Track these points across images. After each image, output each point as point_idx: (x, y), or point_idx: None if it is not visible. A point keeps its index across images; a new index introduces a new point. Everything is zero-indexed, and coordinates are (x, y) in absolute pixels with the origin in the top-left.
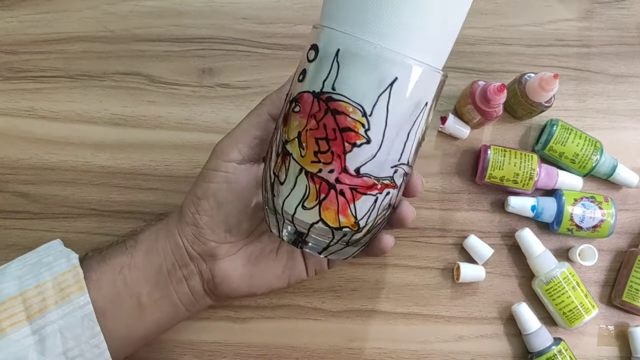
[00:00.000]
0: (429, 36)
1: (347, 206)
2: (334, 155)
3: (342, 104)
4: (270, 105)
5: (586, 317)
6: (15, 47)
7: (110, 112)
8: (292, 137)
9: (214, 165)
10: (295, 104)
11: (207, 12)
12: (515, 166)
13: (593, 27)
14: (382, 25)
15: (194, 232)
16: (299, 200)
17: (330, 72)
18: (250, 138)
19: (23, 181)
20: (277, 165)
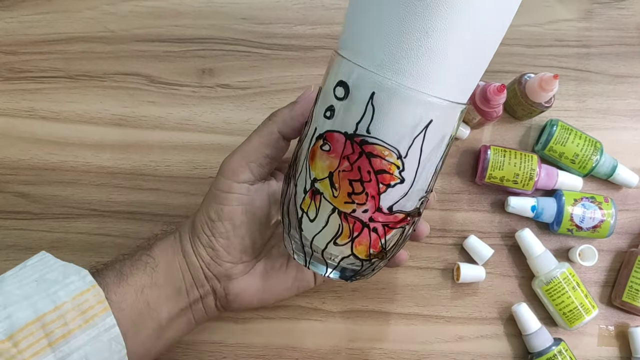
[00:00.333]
0: (461, 74)
1: (378, 241)
2: (369, 196)
3: (378, 148)
4: (282, 124)
5: (586, 317)
6: (16, 47)
7: (110, 112)
8: (323, 176)
9: (226, 187)
10: (324, 142)
11: (207, 13)
12: (515, 166)
13: (593, 27)
14: (416, 67)
15: (210, 254)
16: (331, 237)
17: (364, 115)
18: (261, 157)
19: (23, 181)
20: (304, 202)
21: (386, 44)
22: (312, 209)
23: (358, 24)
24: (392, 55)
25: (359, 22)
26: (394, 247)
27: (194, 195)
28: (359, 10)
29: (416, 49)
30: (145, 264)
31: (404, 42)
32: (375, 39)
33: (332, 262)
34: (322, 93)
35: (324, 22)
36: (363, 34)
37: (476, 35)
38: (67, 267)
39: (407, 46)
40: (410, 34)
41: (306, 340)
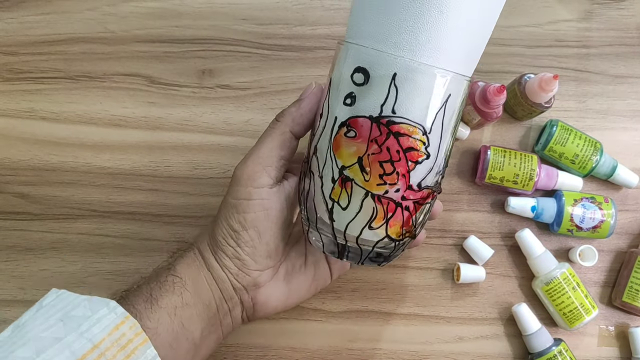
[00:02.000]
0: (470, 48)
1: (410, 218)
2: (399, 175)
3: (404, 126)
4: (292, 123)
5: (586, 317)
6: (16, 48)
7: (110, 113)
8: (351, 162)
9: (246, 194)
10: (348, 128)
11: (207, 13)
12: (515, 167)
13: (593, 27)
14: (432, 44)
15: (237, 265)
16: (366, 222)
17: (388, 96)
18: (276, 159)
19: (23, 182)
20: (334, 191)
21: (401, 26)
22: (343, 197)
23: (369, 10)
24: (408, 35)
25: (370, 8)
26: (421, 223)
27: (194, 195)
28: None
29: (431, 27)
30: (172, 284)
31: (419, 21)
32: (390, 22)
33: (367, 247)
34: (334, 84)
35: (324, 23)
36: (375, 18)
37: (482, 11)
38: (92, 300)
39: (422, 25)
40: (425, 14)
41: (306, 340)
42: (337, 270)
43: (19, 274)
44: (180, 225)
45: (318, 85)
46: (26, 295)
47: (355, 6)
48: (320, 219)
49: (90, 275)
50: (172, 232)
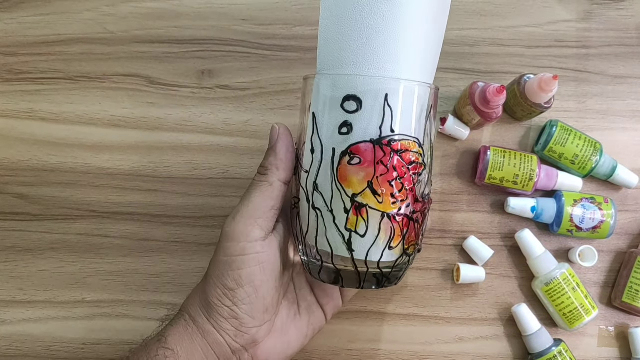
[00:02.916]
0: (435, 59)
1: (420, 230)
2: (408, 190)
3: (404, 143)
4: (277, 172)
5: (586, 318)
6: (15, 48)
7: (109, 113)
8: (362, 188)
9: (239, 250)
10: (351, 156)
11: (207, 14)
12: (515, 167)
13: (592, 28)
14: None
15: (234, 325)
16: (385, 244)
17: (384, 117)
18: (267, 211)
19: (22, 183)
20: (349, 221)
21: (382, 48)
22: (360, 224)
23: (343, 38)
24: (390, 56)
25: (344, 36)
26: (423, 234)
27: (193, 196)
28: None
29: (408, 45)
30: (164, 358)
31: (398, 42)
32: (370, 46)
33: (387, 270)
34: (319, 117)
35: None
36: (353, 45)
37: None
38: None
39: (401, 45)
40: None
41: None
42: (330, 310)
43: (18, 274)
44: (179, 225)
45: (282, 126)
46: (25, 296)
47: (326, 37)
48: (337, 252)
49: (89, 275)
50: (171, 232)
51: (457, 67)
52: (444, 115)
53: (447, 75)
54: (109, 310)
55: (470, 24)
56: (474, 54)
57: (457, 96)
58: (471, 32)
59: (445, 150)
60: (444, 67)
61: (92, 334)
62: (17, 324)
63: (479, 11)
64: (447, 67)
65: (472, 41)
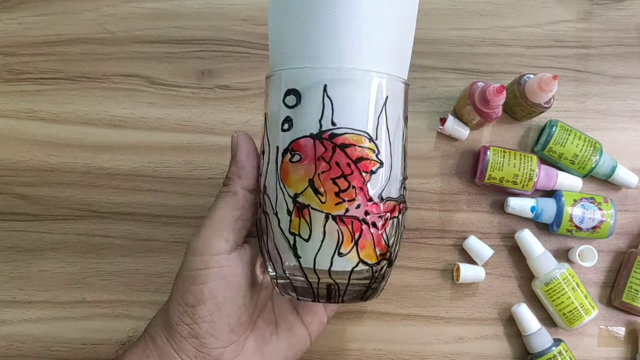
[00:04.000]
0: (398, 50)
1: (380, 237)
2: (356, 189)
3: (348, 136)
4: (239, 180)
5: (586, 318)
6: (15, 49)
7: (109, 113)
8: (303, 187)
9: (201, 264)
10: (292, 153)
11: (207, 14)
12: (514, 167)
13: (592, 28)
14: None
15: (195, 345)
16: (334, 249)
17: (324, 109)
18: (232, 222)
19: (22, 183)
20: (292, 224)
21: (320, 37)
22: (303, 226)
23: (284, 32)
24: (329, 44)
25: (284, 30)
26: (395, 243)
27: (193, 196)
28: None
29: (350, 31)
30: None
31: (337, 28)
32: (307, 36)
33: (342, 281)
34: (270, 117)
35: None
36: (292, 38)
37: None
38: None
39: (341, 32)
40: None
41: None
42: (315, 329)
43: (18, 274)
44: (179, 225)
45: (241, 133)
46: (25, 296)
47: (271, 33)
48: (286, 262)
49: (89, 276)
50: (171, 232)
51: (456, 67)
52: (443, 115)
53: (447, 75)
54: (109, 311)
55: (470, 24)
56: (474, 54)
57: (457, 96)
58: (471, 32)
59: (445, 150)
60: (443, 67)
61: (93, 334)
62: (18, 324)
63: (478, 11)
64: (446, 67)
65: (472, 41)
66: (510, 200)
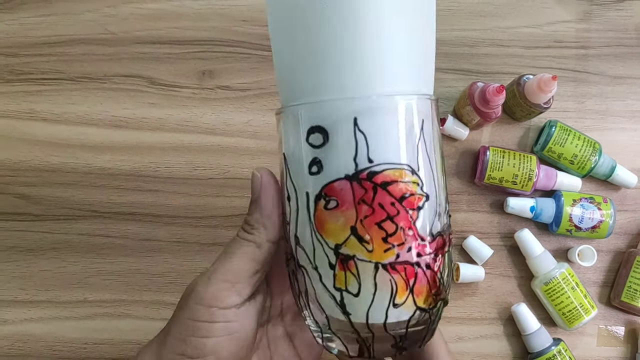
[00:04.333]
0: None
1: (435, 277)
2: (405, 230)
3: (389, 173)
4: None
5: (585, 317)
6: (16, 49)
7: (111, 114)
8: (345, 236)
9: (207, 316)
10: (327, 199)
11: (207, 15)
12: (514, 167)
13: (591, 28)
14: (382, 71)
15: None
16: (388, 300)
17: (357, 146)
18: (249, 275)
19: (24, 183)
20: (337, 278)
21: (342, 63)
22: (350, 280)
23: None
24: (353, 71)
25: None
26: (446, 277)
27: (194, 196)
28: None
29: (374, 53)
30: None
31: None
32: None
33: (400, 332)
34: (290, 157)
35: None
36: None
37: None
38: None
39: (364, 55)
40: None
41: None
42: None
43: (19, 274)
44: (180, 225)
45: (264, 172)
46: (27, 296)
47: (280, 65)
48: (333, 318)
49: (90, 275)
50: (172, 232)
51: (456, 67)
52: (443, 116)
53: (447, 76)
54: (110, 310)
55: (469, 25)
56: (474, 54)
57: (457, 96)
58: (471, 32)
59: (445, 150)
60: (443, 67)
61: (94, 333)
62: (19, 324)
63: (478, 12)
64: (446, 67)
65: (471, 42)
66: (510, 200)
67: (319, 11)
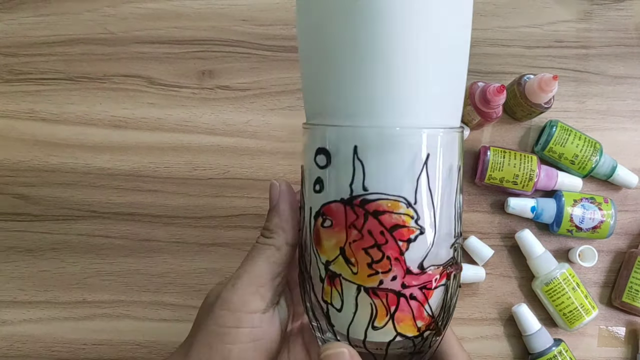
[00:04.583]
0: (442, 99)
1: (422, 309)
2: (392, 260)
3: (382, 202)
4: (284, 234)
5: (586, 318)
6: (16, 49)
7: (110, 114)
8: (334, 255)
9: (233, 321)
10: (323, 218)
11: (207, 14)
12: (514, 167)
13: (592, 28)
14: (387, 103)
15: None
16: (367, 322)
17: (354, 173)
18: (272, 279)
19: (23, 183)
20: (325, 292)
21: (351, 90)
22: (335, 296)
23: (313, 86)
24: (362, 100)
25: (314, 84)
26: (443, 310)
27: (194, 196)
28: (310, 73)
29: (376, 84)
30: None
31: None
32: (336, 91)
33: (380, 352)
34: (306, 172)
35: None
36: (322, 93)
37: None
38: None
39: (366, 85)
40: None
41: None
42: None
43: (18, 275)
44: (179, 226)
45: (283, 183)
46: (26, 297)
47: (304, 84)
48: (323, 326)
49: (90, 276)
50: (171, 232)
51: None
52: None
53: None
54: (109, 311)
55: None
56: (474, 54)
57: None
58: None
59: None
60: None
61: (93, 334)
62: (18, 325)
63: (479, 11)
64: None
65: (472, 41)
66: (511, 201)
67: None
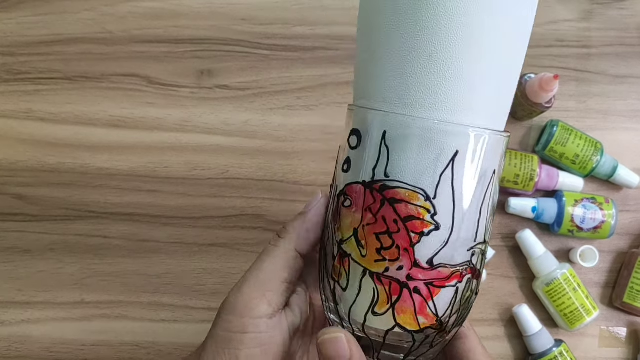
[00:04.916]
0: (482, 97)
1: (425, 305)
2: (400, 249)
3: (400, 191)
4: (297, 239)
5: (587, 318)
6: (14, 48)
7: (108, 113)
8: (348, 235)
9: (239, 327)
10: (345, 197)
11: (206, 14)
12: (515, 167)
13: (593, 27)
14: (428, 96)
15: None
16: (368, 306)
17: (379, 158)
18: (278, 283)
19: (21, 183)
20: (334, 270)
21: (389, 77)
22: (342, 275)
23: (362, 67)
24: (396, 87)
25: (363, 64)
26: (449, 311)
27: (192, 196)
28: (362, 52)
29: (425, 77)
30: None
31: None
32: (379, 76)
33: (378, 339)
34: (340, 150)
35: (323, 23)
36: (367, 74)
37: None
38: None
39: (415, 75)
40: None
41: None
42: None
43: (16, 275)
44: (178, 226)
45: (325, 194)
46: (24, 297)
47: (356, 63)
48: (330, 304)
49: (88, 276)
50: (170, 233)
51: None
52: None
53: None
54: (108, 312)
55: None
56: None
57: None
58: None
59: None
60: None
61: (92, 335)
62: (16, 325)
63: None
64: None
65: None
66: (511, 201)
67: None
